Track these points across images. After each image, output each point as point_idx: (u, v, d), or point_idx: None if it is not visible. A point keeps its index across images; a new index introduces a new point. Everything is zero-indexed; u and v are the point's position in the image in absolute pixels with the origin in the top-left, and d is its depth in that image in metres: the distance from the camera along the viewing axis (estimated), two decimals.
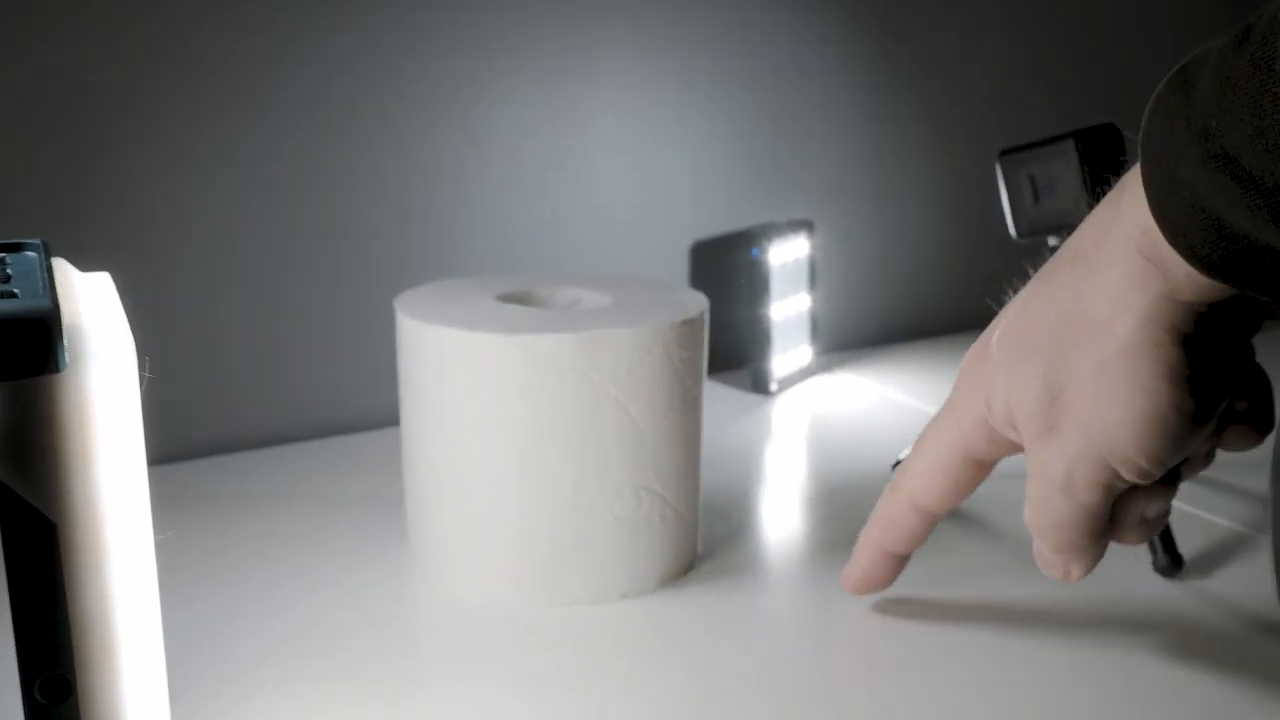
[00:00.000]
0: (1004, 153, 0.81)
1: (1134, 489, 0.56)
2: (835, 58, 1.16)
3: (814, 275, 1.13)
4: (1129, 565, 0.76)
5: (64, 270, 0.45)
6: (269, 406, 0.97)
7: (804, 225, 1.12)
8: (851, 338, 1.24)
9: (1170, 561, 0.75)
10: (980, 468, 0.63)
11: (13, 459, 0.36)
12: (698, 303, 0.75)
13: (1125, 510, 0.58)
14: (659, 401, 0.70)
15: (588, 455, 0.69)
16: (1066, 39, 1.29)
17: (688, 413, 0.73)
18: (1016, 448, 0.60)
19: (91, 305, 0.42)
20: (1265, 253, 0.46)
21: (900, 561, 0.68)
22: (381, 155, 0.97)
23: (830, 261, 1.19)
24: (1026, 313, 0.57)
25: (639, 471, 0.70)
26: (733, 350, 1.12)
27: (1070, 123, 0.79)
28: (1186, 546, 0.76)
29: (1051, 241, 0.81)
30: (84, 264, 0.47)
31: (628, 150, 1.07)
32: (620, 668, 0.64)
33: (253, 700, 0.61)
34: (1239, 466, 0.91)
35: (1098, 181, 0.77)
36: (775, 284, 1.08)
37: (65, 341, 0.37)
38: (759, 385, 1.09)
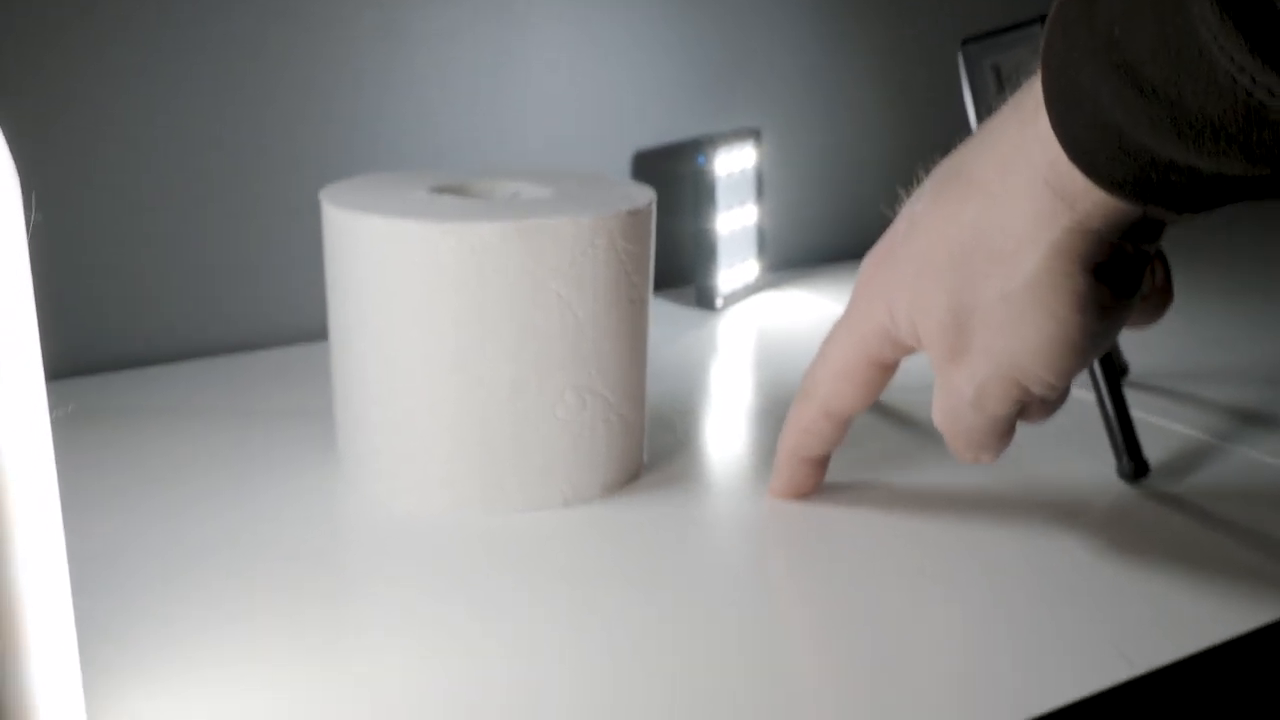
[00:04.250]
0: (966, 41, 0.78)
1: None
2: None
3: (761, 187, 1.10)
4: (1093, 470, 0.74)
5: None
6: (191, 318, 0.91)
7: (751, 134, 1.08)
8: (800, 254, 1.21)
9: (1134, 467, 0.73)
10: (885, 370, 0.63)
11: None
12: (644, 194, 0.71)
13: (1029, 408, 0.58)
14: (603, 297, 0.66)
15: (527, 354, 0.65)
16: None
17: (634, 311, 0.69)
18: (917, 350, 0.60)
19: None
20: (1170, 168, 0.44)
21: (821, 465, 0.69)
22: (304, 56, 0.91)
23: (778, 173, 1.15)
24: (925, 232, 0.56)
25: (582, 372, 0.67)
26: (678, 265, 1.08)
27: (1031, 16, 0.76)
28: (1151, 453, 0.75)
29: None
30: None
31: (565, 52, 1.03)
32: (562, 577, 0.61)
33: (171, 616, 0.57)
34: (1205, 377, 0.90)
35: None
36: (721, 195, 1.04)
37: None
38: (704, 300, 1.06)
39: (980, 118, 0.77)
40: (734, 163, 1.05)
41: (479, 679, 0.52)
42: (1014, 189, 0.52)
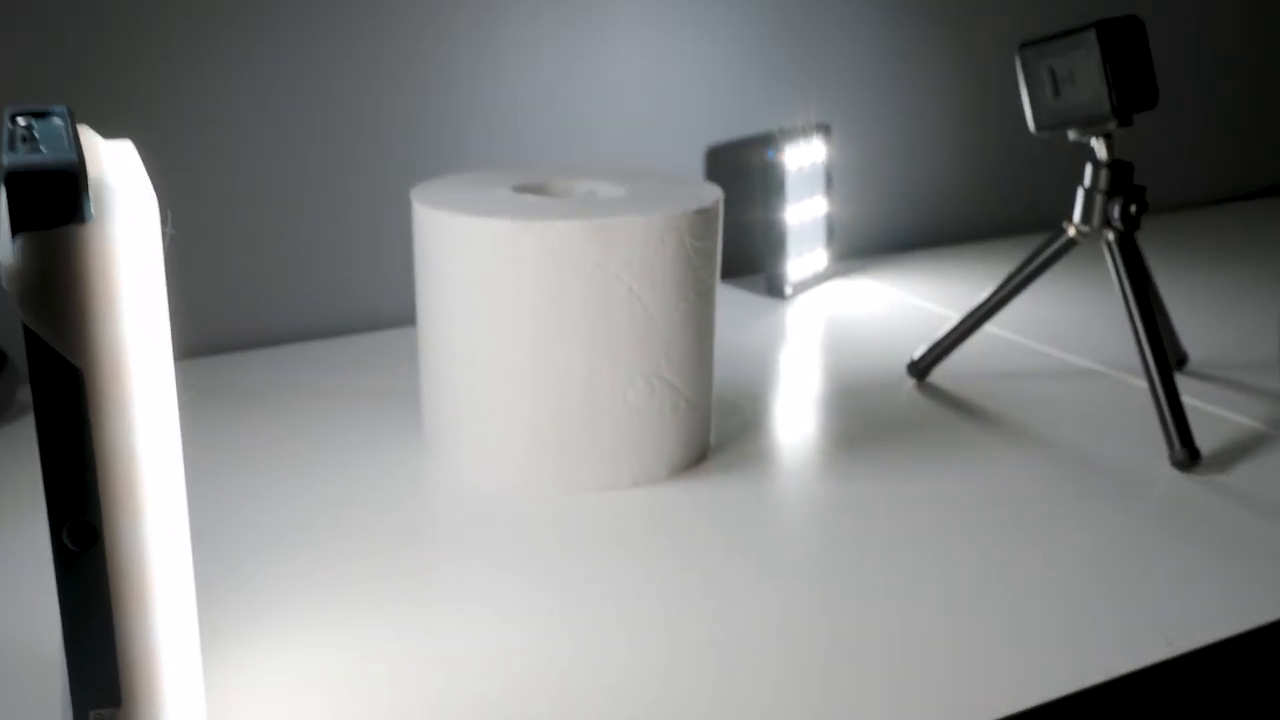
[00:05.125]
0: (1024, 45, 0.80)
1: None
2: None
3: (830, 179, 1.13)
4: (1146, 458, 0.77)
5: (88, 136, 0.45)
6: (293, 305, 0.97)
7: (821, 129, 1.11)
8: (868, 243, 1.24)
9: (1187, 454, 0.75)
10: None
11: (41, 308, 0.37)
12: (712, 193, 0.75)
13: None
14: (672, 290, 0.71)
15: (599, 343, 0.70)
16: None
17: (701, 303, 0.73)
18: None
19: (115, 165, 0.42)
20: None
21: None
22: (399, 58, 0.96)
23: (848, 166, 1.18)
24: None
25: (651, 360, 0.71)
26: (748, 255, 1.12)
27: (1111, 11, 0.79)
28: (1206, 441, 0.77)
29: (1071, 135, 0.81)
30: (106, 134, 0.48)
31: (642, 54, 1.07)
32: (629, 553, 0.66)
33: (271, 571, 0.62)
34: (1262, 367, 0.92)
35: (1118, 74, 0.76)
36: (791, 188, 1.08)
37: (90, 194, 0.38)
38: (774, 289, 1.10)
39: (1038, 117, 0.80)
40: (803, 157, 1.09)
41: (544, 644, 0.57)
42: None
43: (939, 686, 0.54)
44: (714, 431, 0.79)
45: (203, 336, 0.94)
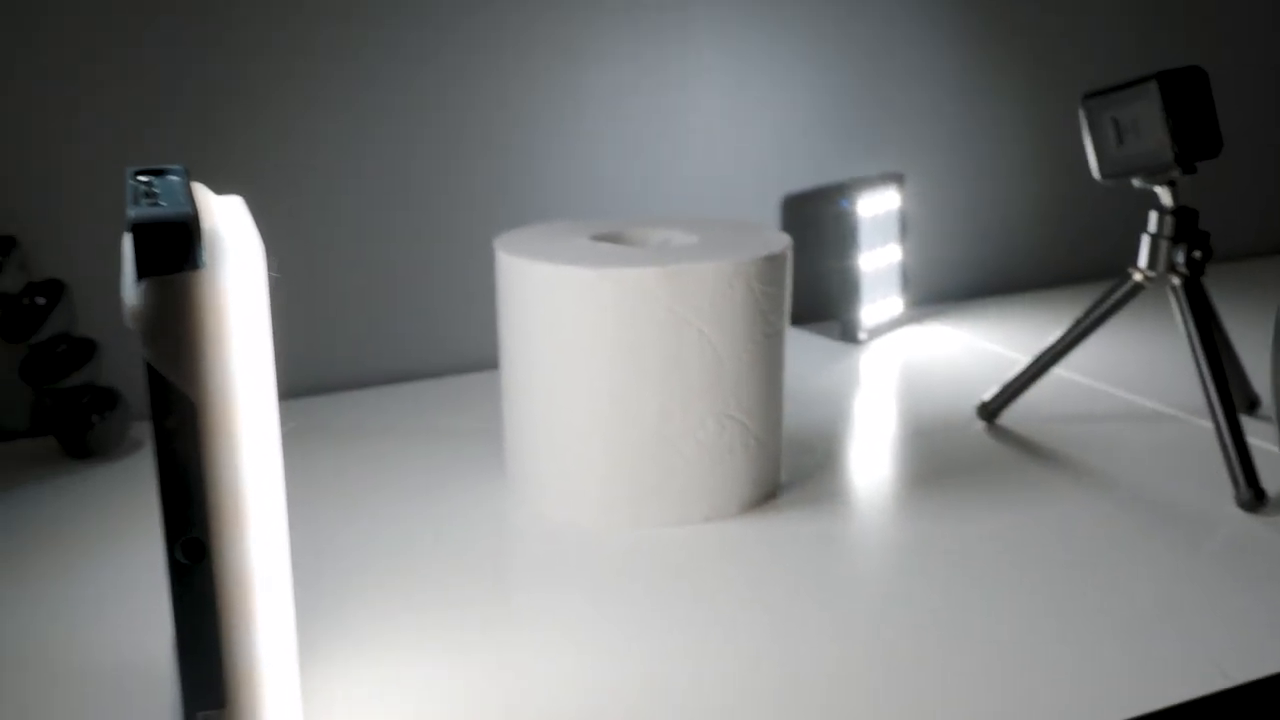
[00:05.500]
0: (1087, 96, 0.83)
1: None
2: (926, 13, 1.18)
3: (904, 227, 1.16)
4: (1212, 499, 0.78)
5: (202, 191, 0.50)
6: (385, 348, 1.03)
7: (895, 178, 1.14)
8: (943, 290, 1.26)
9: (1252, 495, 0.77)
10: None
11: (160, 345, 0.42)
12: (780, 240, 0.78)
13: None
14: (741, 333, 0.74)
15: (672, 385, 0.73)
16: None
17: (769, 345, 0.76)
18: None
19: (226, 217, 0.47)
20: None
21: None
22: (487, 111, 1.02)
23: (921, 214, 1.21)
24: None
25: (721, 400, 0.74)
26: (823, 300, 1.15)
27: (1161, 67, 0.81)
28: (1270, 483, 0.78)
29: (1135, 182, 0.83)
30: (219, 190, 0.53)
31: (721, 107, 1.11)
32: (697, 586, 0.69)
33: (364, 593, 0.67)
34: None
35: (1180, 124, 0.78)
36: (865, 236, 1.11)
37: (203, 243, 0.42)
38: (848, 334, 1.13)
39: (1102, 166, 0.83)
40: (877, 205, 1.11)
41: (610, 668, 0.60)
42: None
43: (997, 717, 0.56)
44: (785, 470, 0.82)
45: (302, 378, 0.99)
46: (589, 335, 0.73)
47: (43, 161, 0.88)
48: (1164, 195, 0.82)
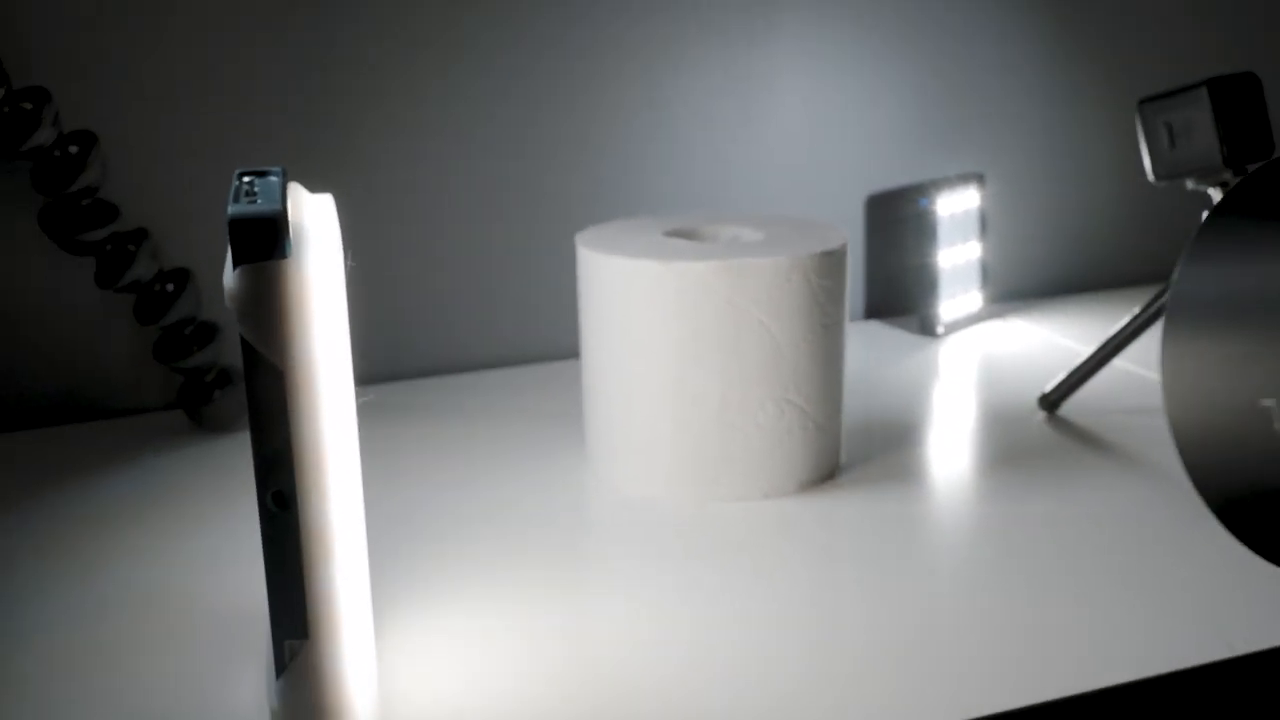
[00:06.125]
0: (1143, 101, 0.86)
1: None
2: (1006, 12, 1.21)
3: (984, 226, 1.19)
4: None
5: (296, 190, 0.58)
6: (471, 336, 1.10)
7: (975, 178, 1.18)
8: (1023, 287, 1.29)
9: None
10: None
11: (253, 323, 0.49)
12: (839, 236, 0.83)
13: None
14: (799, 324, 0.79)
15: (733, 372, 0.79)
16: None
17: (828, 336, 0.81)
18: None
19: (312, 213, 0.54)
20: None
21: None
22: (582, 117, 1.08)
23: (1002, 212, 1.24)
24: None
25: (780, 386, 0.80)
26: (903, 295, 1.19)
27: (1252, 65, 0.84)
28: None
29: (1189, 185, 0.85)
30: (314, 189, 0.60)
31: (804, 108, 1.16)
32: (755, 556, 0.74)
33: (445, 553, 0.74)
34: None
35: (1230, 128, 0.81)
36: (944, 233, 1.14)
37: (290, 236, 0.49)
38: (926, 328, 1.16)
39: (1156, 168, 0.86)
40: (957, 204, 1.15)
41: (669, 628, 0.66)
42: None
43: (1029, 669, 0.61)
44: (845, 452, 0.87)
45: (396, 363, 1.07)
46: (657, 324, 0.79)
47: (171, 164, 0.97)
48: (1215, 195, 0.85)
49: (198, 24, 0.96)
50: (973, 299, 1.20)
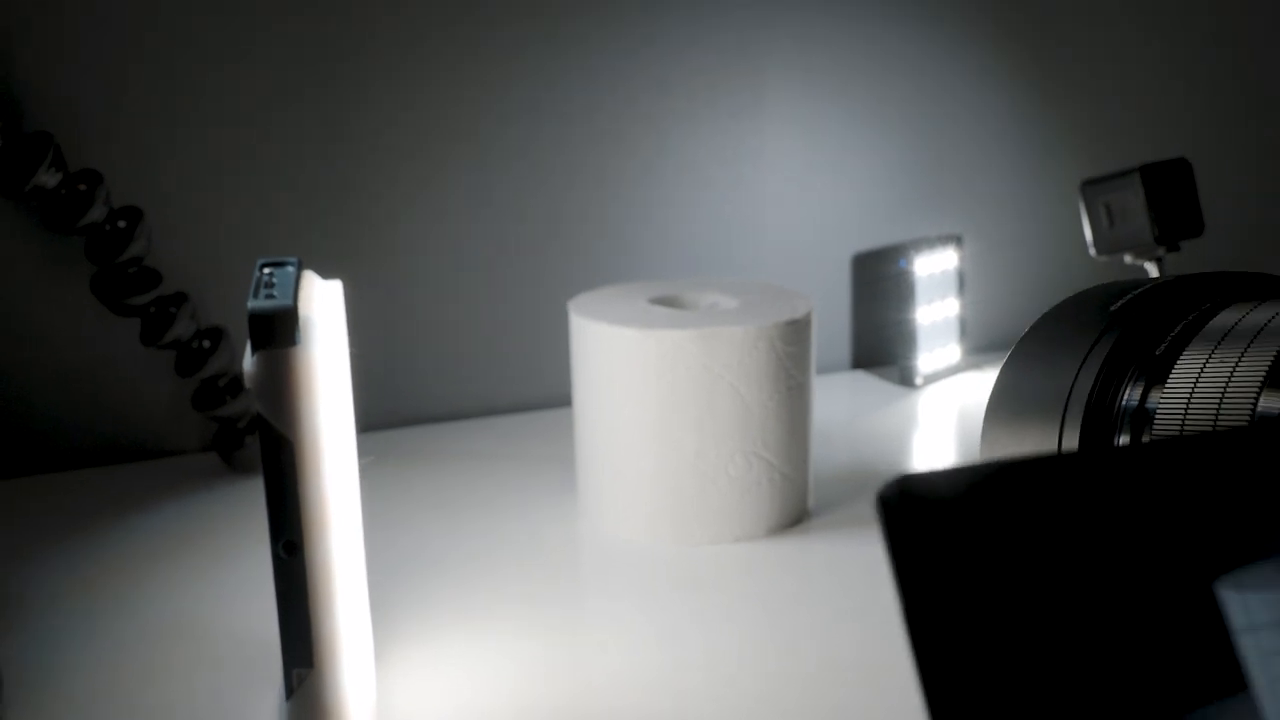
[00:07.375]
0: (1085, 183, 0.94)
1: None
2: (984, 87, 1.30)
3: (962, 284, 1.27)
4: None
5: (310, 278, 0.67)
6: (471, 386, 1.19)
7: (953, 239, 1.26)
8: (1001, 339, 1.37)
9: None
10: None
11: (266, 399, 0.58)
12: (805, 304, 0.92)
13: None
14: (766, 385, 0.88)
15: (706, 427, 0.87)
16: (1209, 58, 1.37)
17: (793, 396, 0.90)
18: None
19: (321, 304, 0.64)
20: None
21: None
22: (577, 186, 1.18)
23: (980, 271, 1.32)
24: None
25: (748, 441, 0.88)
26: (885, 347, 1.27)
27: (1219, 138, 0.92)
28: None
29: (1126, 259, 0.93)
30: (326, 273, 0.70)
31: (794, 177, 1.25)
32: (727, 595, 0.83)
33: (438, 590, 0.83)
34: None
35: (1160, 211, 0.89)
36: (923, 291, 1.23)
37: (300, 326, 0.59)
38: (905, 379, 1.25)
39: (1097, 244, 0.94)
40: (936, 264, 1.23)
41: (639, 658, 0.74)
42: None
43: None
44: (814, 498, 0.95)
45: (398, 412, 1.17)
46: (638, 384, 0.88)
47: (207, 236, 1.07)
48: (1151, 269, 0.93)
49: (229, 112, 1.06)
50: (951, 351, 1.28)
